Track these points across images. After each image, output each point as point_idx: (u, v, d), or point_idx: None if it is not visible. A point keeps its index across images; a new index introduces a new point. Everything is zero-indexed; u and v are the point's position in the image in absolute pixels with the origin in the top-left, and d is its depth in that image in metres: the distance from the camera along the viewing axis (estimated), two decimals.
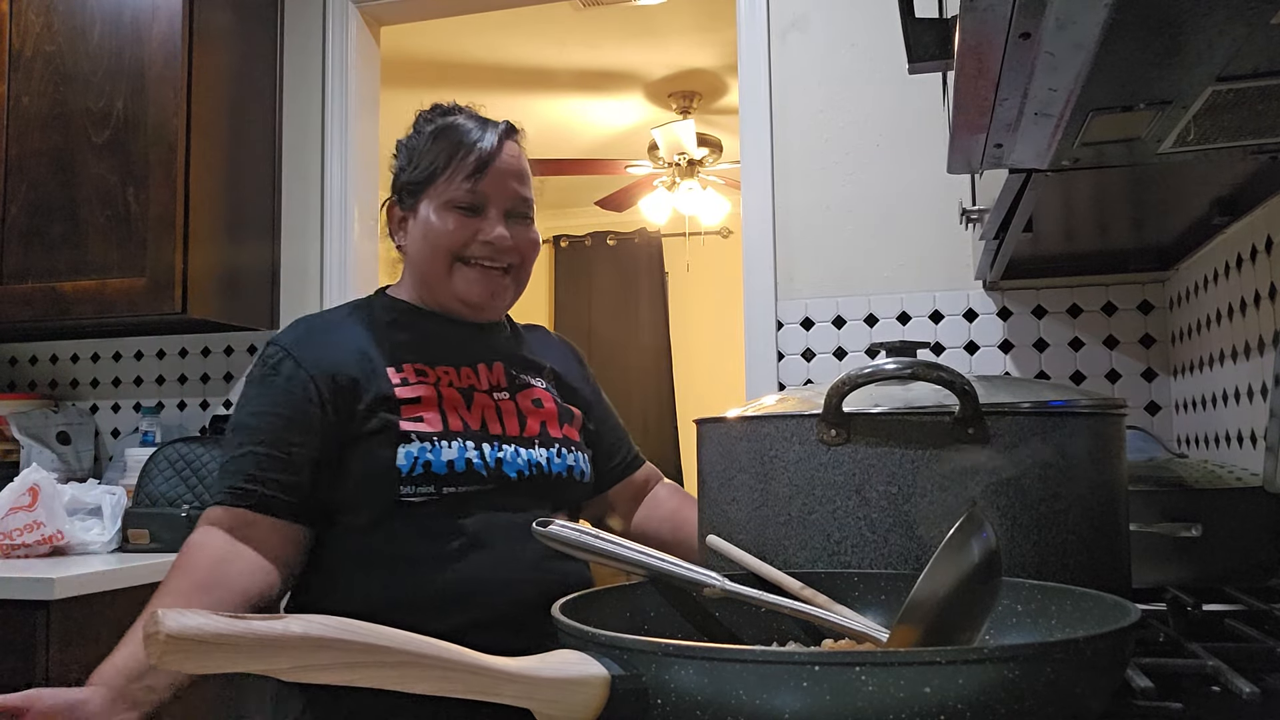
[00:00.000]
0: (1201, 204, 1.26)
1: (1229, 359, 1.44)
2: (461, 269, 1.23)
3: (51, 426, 2.39)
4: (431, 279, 1.25)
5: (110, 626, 1.22)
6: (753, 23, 2.10)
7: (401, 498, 1.12)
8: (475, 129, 1.25)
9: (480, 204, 1.23)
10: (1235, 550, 1.03)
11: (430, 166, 1.24)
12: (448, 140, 1.24)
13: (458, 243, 1.22)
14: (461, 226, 1.22)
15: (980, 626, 0.60)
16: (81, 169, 2.17)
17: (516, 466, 1.18)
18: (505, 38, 3.72)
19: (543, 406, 1.27)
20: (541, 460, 1.21)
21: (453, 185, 1.22)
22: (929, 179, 1.96)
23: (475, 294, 1.24)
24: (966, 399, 0.72)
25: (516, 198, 1.25)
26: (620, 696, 0.50)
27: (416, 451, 1.12)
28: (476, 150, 1.22)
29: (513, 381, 1.27)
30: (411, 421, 1.15)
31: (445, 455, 1.13)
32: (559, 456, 1.23)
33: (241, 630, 0.43)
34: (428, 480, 1.13)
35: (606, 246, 6.07)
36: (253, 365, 1.21)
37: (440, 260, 1.23)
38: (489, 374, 1.25)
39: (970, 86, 0.72)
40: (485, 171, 1.22)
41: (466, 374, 1.23)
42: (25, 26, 2.24)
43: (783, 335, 2.03)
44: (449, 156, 1.23)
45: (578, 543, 0.73)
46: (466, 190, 1.22)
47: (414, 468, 1.12)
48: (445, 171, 1.23)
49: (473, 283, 1.23)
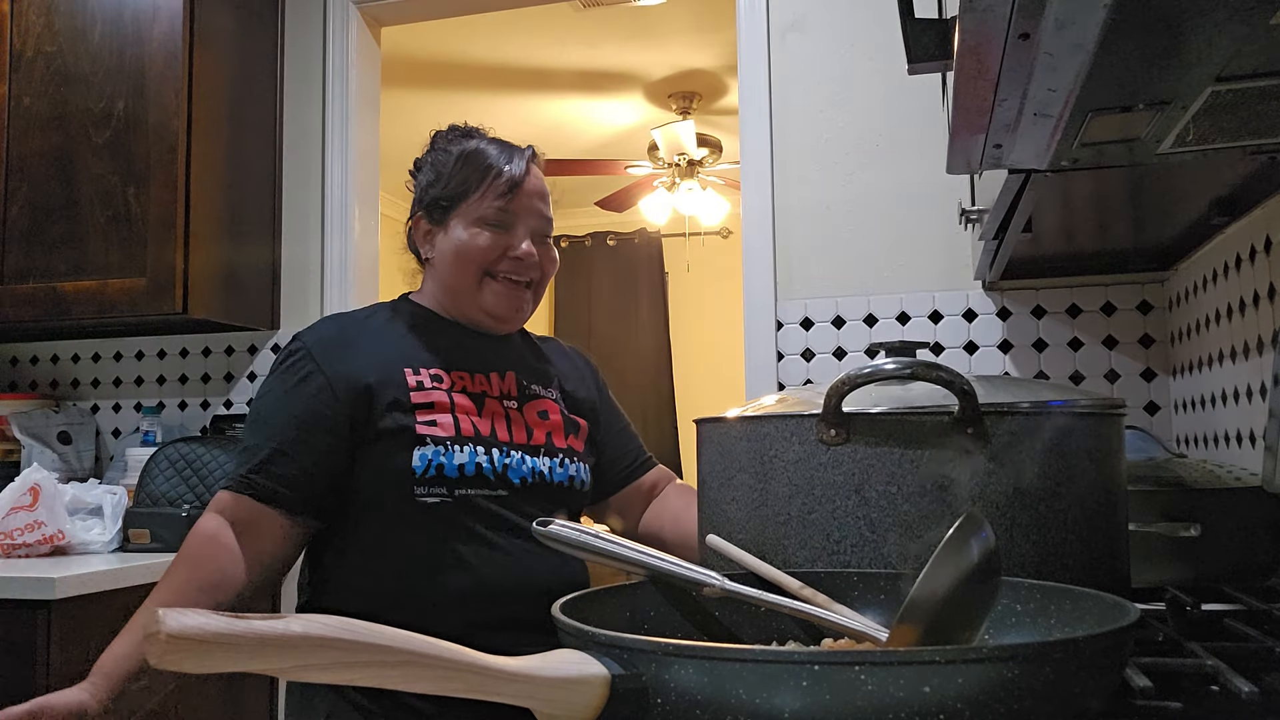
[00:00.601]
0: (1201, 204, 1.26)
1: (1228, 359, 1.44)
2: (490, 283, 1.29)
3: (52, 426, 2.40)
4: (460, 291, 1.31)
5: (111, 626, 1.23)
6: (752, 23, 2.10)
7: (416, 498, 1.16)
8: (503, 154, 1.32)
9: (510, 222, 1.29)
10: (1234, 550, 1.03)
11: (463, 185, 1.30)
12: (478, 163, 1.31)
13: (489, 258, 1.28)
14: (494, 242, 1.28)
15: (980, 626, 0.60)
16: (82, 169, 2.18)
17: (521, 473, 1.22)
18: (505, 38, 3.72)
19: (549, 418, 1.31)
20: (544, 469, 1.25)
21: (484, 203, 1.29)
22: (929, 179, 1.96)
23: (502, 308, 1.30)
24: (966, 399, 0.72)
25: (542, 218, 1.33)
26: (620, 696, 0.50)
27: (430, 454, 1.17)
28: (507, 173, 1.30)
29: (523, 391, 1.31)
30: (426, 425, 1.19)
31: (457, 459, 1.18)
32: (561, 466, 1.28)
33: (242, 630, 0.43)
34: (440, 482, 1.17)
35: (606, 246, 6.07)
36: (277, 356, 1.27)
37: (470, 273, 1.29)
38: (501, 382, 1.30)
39: (970, 87, 0.72)
40: (515, 192, 1.29)
41: (480, 380, 1.28)
42: (26, 27, 2.24)
43: (782, 335, 2.03)
44: (481, 177, 1.30)
45: (578, 542, 0.73)
46: (498, 209, 1.28)
47: (427, 470, 1.16)
48: (478, 190, 1.29)
49: (500, 296, 1.29)
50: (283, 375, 1.22)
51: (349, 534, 1.20)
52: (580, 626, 0.54)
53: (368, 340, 1.26)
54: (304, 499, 1.17)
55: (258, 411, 1.23)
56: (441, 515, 1.17)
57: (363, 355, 1.22)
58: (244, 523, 1.16)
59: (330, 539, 1.21)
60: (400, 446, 1.17)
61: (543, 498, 1.24)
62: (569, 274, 6.11)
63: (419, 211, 1.35)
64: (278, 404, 1.21)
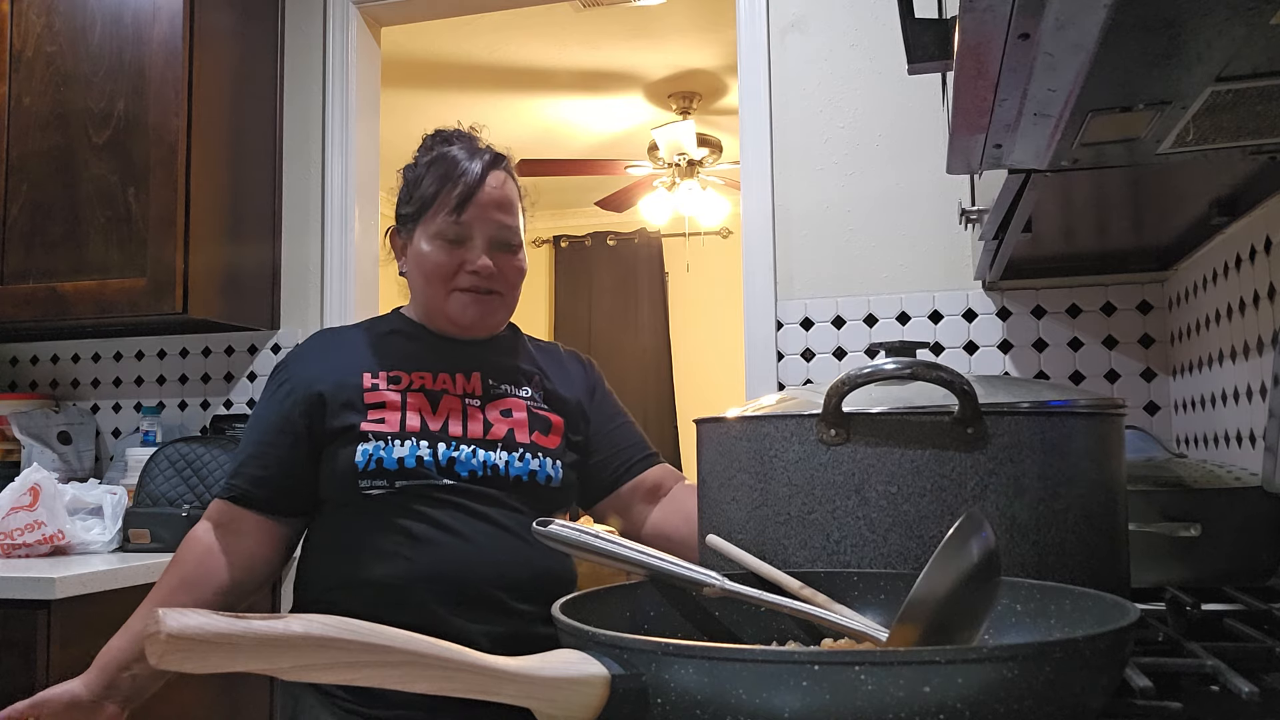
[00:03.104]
0: (1201, 204, 1.26)
1: (1228, 359, 1.44)
2: (456, 295, 1.32)
3: (52, 426, 2.40)
4: (428, 303, 1.35)
5: (111, 626, 1.24)
6: (752, 23, 2.10)
7: (361, 491, 1.22)
8: (464, 160, 1.32)
9: (465, 235, 1.31)
10: (1234, 550, 1.03)
11: (421, 199, 1.32)
12: (438, 173, 1.32)
13: (446, 273, 1.31)
14: (449, 258, 1.31)
15: (980, 626, 0.60)
16: (82, 169, 2.17)
17: (470, 466, 1.25)
18: (505, 38, 3.72)
19: (512, 415, 1.33)
20: (500, 463, 1.27)
21: (439, 218, 1.31)
22: (929, 179, 1.96)
23: (467, 317, 1.33)
24: (966, 399, 0.72)
25: (500, 227, 1.33)
26: (620, 696, 0.50)
27: (372, 449, 1.22)
28: (461, 184, 1.30)
29: (489, 390, 1.34)
30: (373, 423, 1.24)
31: (397, 453, 1.22)
32: (521, 460, 1.28)
33: (242, 630, 0.43)
34: (380, 475, 1.22)
35: (606, 246, 6.07)
36: None
37: (433, 288, 1.32)
38: (466, 381, 1.33)
39: (970, 87, 0.72)
40: (466, 206, 1.30)
41: (443, 379, 1.32)
42: (26, 27, 2.24)
43: (782, 335, 2.03)
44: (435, 191, 1.31)
45: (578, 542, 0.73)
46: (451, 223, 1.30)
47: (368, 464, 1.22)
48: (433, 205, 1.31)
49: (465, 306, 1.32)
50: (268, 384, 1.34)
51: (315, 531, 1.30)
52: (580, 626, 0.54)
53: (340, 349, 1.34)
54: (273, 499, 1.27)
55: (249, 422, 1.34)
56: (387, 504, 1.22)
57: (329, 362, 1.31)
58: (226, 525, 1.27)
59: (308, 537, 1.31)
60: (347, 444, 1.23)
61: (499, 490, 1.26)
62: (569, 274, 6.11)
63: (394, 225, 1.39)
64: (257, 412, 1.32)
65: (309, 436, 1.27)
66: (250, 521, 1.27)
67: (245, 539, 1.27)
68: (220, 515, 1.28)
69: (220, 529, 1.28)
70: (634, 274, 6.00)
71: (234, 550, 1.26)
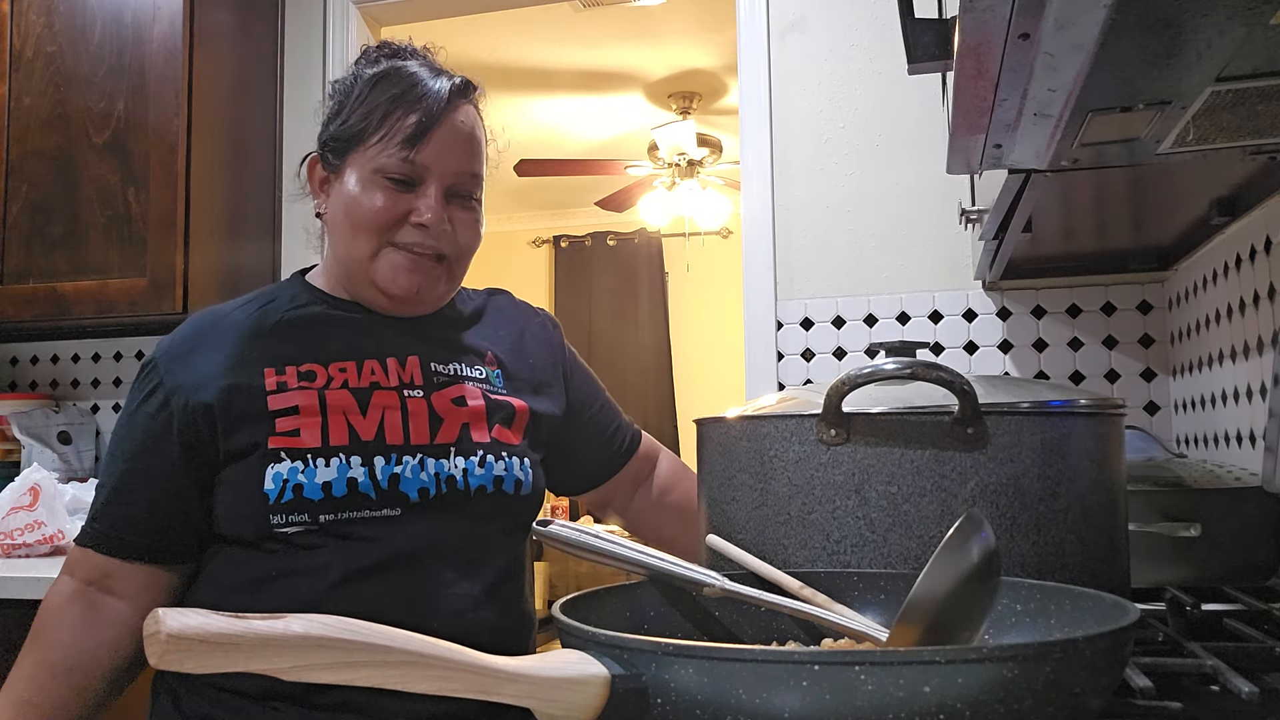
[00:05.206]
0: (1201, 204, 1.26)
1: (1228, 359, 1.44)
2: (389, 253, 1.02)
3: (52, 426, 2.40)
4: (350, 262, 1.04)
5: None
6: (752, 23, 2.10)
7: (274, 529, 0.94)
8: (426, 79, 1.03)
9: (417, 176, 1.02)
10: (1234, 550, 1.03)
11: (362, 121, 1.02)
12: (388, 91, 1.02)
13: (385, 223, 1.01)
14: (391, 204, 1.01)
15: (979, 626, 0.60)
16: (82, 169, 2.17)
17: (419, 484, 0.98)
18: (505, 38, 3.72)
19: (465, 405, 1.04)
20: (456, 473, 1.00)
21: (386, 150, 1.00)
22: (929, 179, 1.96)
23: (401, 285, 1.03)
24: (966, 399, 0.72)
25: (463, 172, 1.04)
26: (620, 696, 0.50)
27: (286, 473, 0.94)
28: (420, 107, 1.00)
29: (430, 378, 1.05)
30: (284, 436, 0.96)
31: (321, 476, 0.95)
32: (481, 466, 1.02)
33: (242, 630, 0.43)
34: (299, 507, 0.94)
35: (606, 246, 6.07)
36: None
37: (362, 242, 1.02)
38: (400, 369, 1.04)
39: (970, 87, 0.72)
40: (427, 136, 1.00)
41: (371, 369, 1.03)
42: (26, 27, 2.24)
43: (782, 335, 2.03)
44: (385, 112, 1.01)
45: (578, 542, 0.73)
46: (402, 159, 1.00)
47: (283, 493, 0.94)
48: (379, 130, 1.01)
49: (400, 270, 1.02)
50: (132, 392, 1.02)
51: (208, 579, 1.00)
52: (580, 626, 0.54)
53: (226, 338, 1.03)
54: (152, 544, 0.98)
55: (109, 446, 1.03)
56: (308, 546, 0.94)
57: (214, 360, 1.00)
58: (98, 582, 0.99)
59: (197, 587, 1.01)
60: (251, 468, 0.95)
61: (457, 512, 1.00)
62: (569, 274, 6.11)
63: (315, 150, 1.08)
64: (120, 430, 1.02)
65: (192, 461, 0.97)
66: (127, 574, 0.98)
67: (124, 600, 0.98)
68: (88, 571, 0.99)
69: (91, 588, 0.99)
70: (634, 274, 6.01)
71: (112, 618, 0.98)
